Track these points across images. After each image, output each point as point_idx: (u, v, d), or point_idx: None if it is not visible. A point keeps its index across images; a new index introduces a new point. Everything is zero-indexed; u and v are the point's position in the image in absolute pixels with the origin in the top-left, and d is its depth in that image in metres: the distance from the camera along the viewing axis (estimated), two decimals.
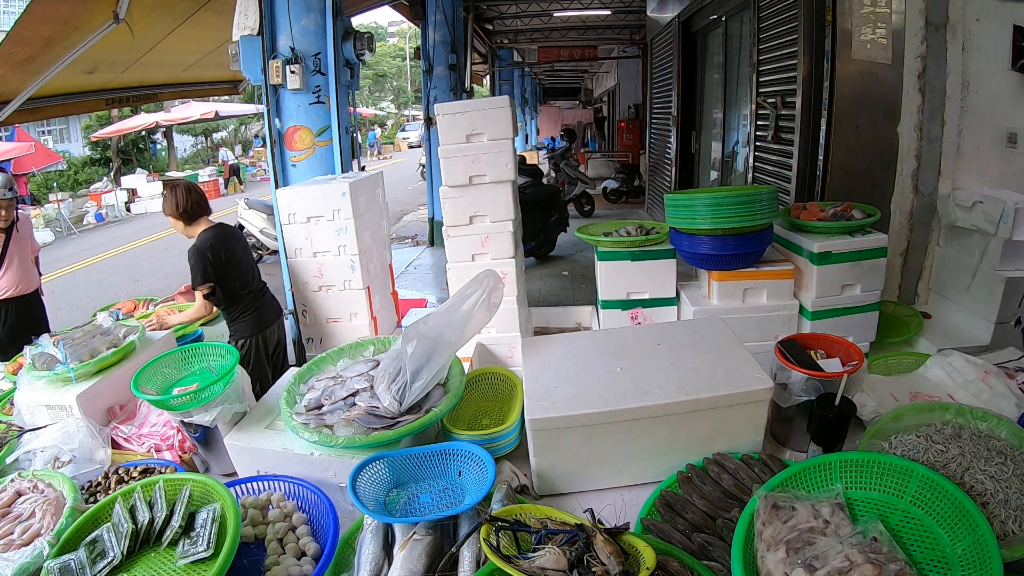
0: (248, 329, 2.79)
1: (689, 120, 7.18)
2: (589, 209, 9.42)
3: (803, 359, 1.44)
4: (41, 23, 3.28)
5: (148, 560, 1.11)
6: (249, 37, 3.30)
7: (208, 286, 2.61)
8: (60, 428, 1.63)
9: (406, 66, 34.06)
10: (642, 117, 11.22)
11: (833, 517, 0.98)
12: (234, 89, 6.89)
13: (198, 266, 2.60)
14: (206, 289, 2.62)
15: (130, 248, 10.37)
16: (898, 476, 1.05)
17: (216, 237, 2.67)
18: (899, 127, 2.89)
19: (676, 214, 2.48)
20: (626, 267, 2.65)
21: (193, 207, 2.69)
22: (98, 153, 17.31)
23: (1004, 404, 1.37)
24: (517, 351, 2.39)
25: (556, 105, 23.76)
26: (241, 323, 2.79)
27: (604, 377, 1.38)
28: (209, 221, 2.77)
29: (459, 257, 2.57)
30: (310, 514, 1.27)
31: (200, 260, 2.60)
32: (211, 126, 21.52)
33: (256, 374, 2.76)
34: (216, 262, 2.62)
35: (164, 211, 2.72)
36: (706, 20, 6.30)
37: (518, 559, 0.93)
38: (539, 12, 10.49)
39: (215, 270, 2.62)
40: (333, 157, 3.58)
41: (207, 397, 1.49)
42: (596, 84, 19.31)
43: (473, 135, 2.44)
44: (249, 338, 2.79)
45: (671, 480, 1.25)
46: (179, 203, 2.66)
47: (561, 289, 6.10)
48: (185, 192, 2.70)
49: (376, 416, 1.37)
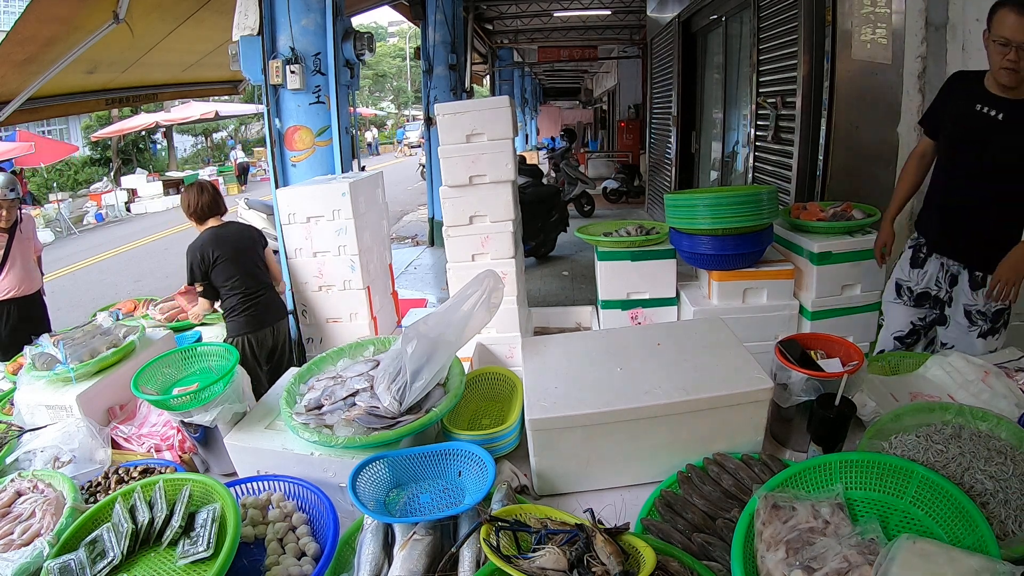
0: (238, 328, 2.81)
1: (689, 120, 7.18)
2: (589, 209, 9.42)
3: (803, 359, 1.44)
4: (41, 23, 3.28)
5: (148, 560, 1.11)
6: (249, 37, 3.30)
7: (200, 284, 2.74)
8: (60, 428, 1.63)
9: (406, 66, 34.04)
10: (642, 117, 11.23)
11: (833, 517, 0.98)
12: (234, 89, 6.89)
13: (188, 265, 2.75)
14: (199, 287, 2.74)
15: (130, 248, 10.37)
16: (898, 476, 1.05)
17: (211, 238, 2.75)
18: (899, 127, 2.89)
19: (676, 214, 2.48)
20: (626, 267, 2.65)
21: (204, 208, 2.80)
22: (98, 153, 17.31)
23: (1004, 404, 1.37)
24: (517, 351, 2.39)
25: (556, 105, 23.77)
26: (232, 322, 2.82)
27: (604, 377, 1.38)
28: (219, 220, 2.82)
29: (459, 257, 2.57)
30: (310, 514, 1.27)
31: (189, 260, 2.73)
32: (211, 126, 21.52)
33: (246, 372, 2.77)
34: (204, 262, 2.71)
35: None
36: (706, 20, 6.30)
37: (518, 559, 0.93)
38: (539, 12, 10.49)
39: (203, 270, 2.72)
40: (333, 157, 3.58)
41: (207, 397, 1.49)
42: (596, 84, 19.31)
43: (473, 135, 2.44)
44: (237, 337, 2.80)
45: (671, 480, 1.25)
46: (190, 203, 2.80)
47: (561, 289, 6.10)
48: (197, 192, 2.81)
49: (376, 416, 1.37)
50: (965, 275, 2.07)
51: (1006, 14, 1.78)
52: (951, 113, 2.03)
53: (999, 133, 1.91)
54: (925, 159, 2.19)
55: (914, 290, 2.21)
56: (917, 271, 2.19)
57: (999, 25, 1.80)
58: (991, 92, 1.93)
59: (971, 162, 1.99)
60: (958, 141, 2.02)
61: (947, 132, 2.06)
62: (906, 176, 2.24)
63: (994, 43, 1.82)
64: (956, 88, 2.06)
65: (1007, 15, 1.78)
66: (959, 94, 2.03)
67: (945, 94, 2.09)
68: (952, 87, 2.09)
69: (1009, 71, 1.82)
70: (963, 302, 2.07)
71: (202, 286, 2.72)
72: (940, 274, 2.14)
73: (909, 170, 2.23)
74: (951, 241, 2.09)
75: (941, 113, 2.09)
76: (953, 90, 2.07)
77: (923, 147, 2.20)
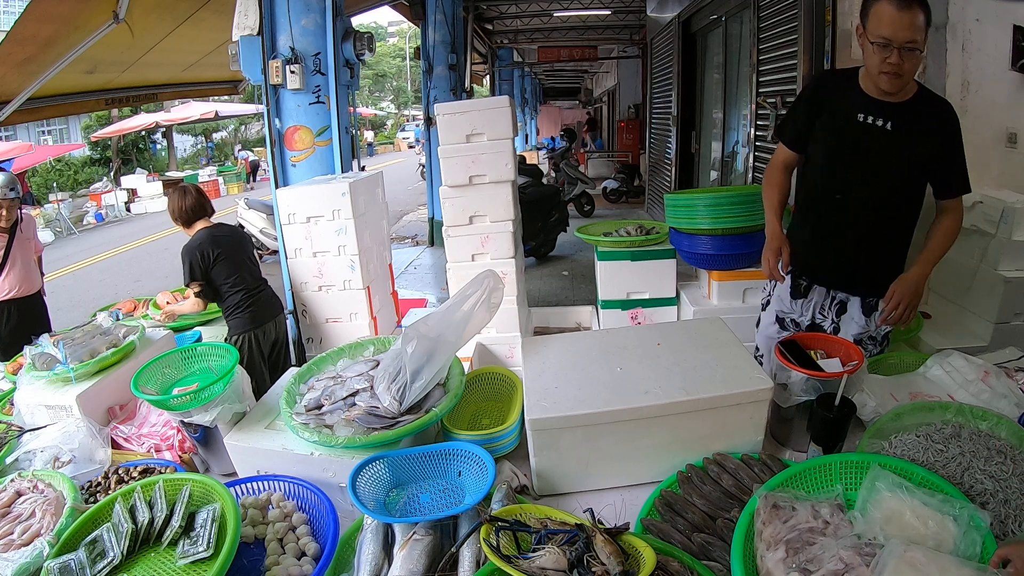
0: (241, 326, 2.82)
1: (689, 120, 7.18)
2: (589, 209, 9.43)
3: (803, 359, 1.44)
4: (41, 23, 3.28)
5: (148, 560, 1.11)
6: (249, 37, 3.30)
7: (197, 284, 2.72)
8: (60, 428, 1.63)
9: (406, 66, 34.06)
10: (642, 117, 11.22)
11: (833, 518, 0.98)
12: (234, 89, 6.89)
13: (186, 265, 2.72)
14: (196, 287, 2.72)
15: (130, 248, 10.37)
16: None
17: (208, 237, 2.74)
18: None
19: (676, 214, 2.48)
20: (626, 267, 2.65)
21: (189, 211, 2.78)
22: (98, 153, 17.31)
23: (1004, 404, 1.37)
24: (517, 351, 2.39)
25: (556, 105, 23.78)
26: (234, 320, 2.82)
27: (604, 377, 1.38)
28: (208, 221, 2.80)
29: (459, 257, 2.57)
30: (310, 514, 1.27)
31: (188, 259, 2.71)
32: (211, 126, 21.53)
33: (250, 371, 2.77)
34: (205, 260, 2.71)
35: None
36: (706, 20, 6.30)
37: (518, 559, 0.93)
38: (539, 12, 10.49)
39: (203, 269, 2.71)
40: (333, 157, 3.58)
41: (207, 397, 1.49)
42: (596, 84, 19.31)
43: (473, 135, 2.44)
44: (242, 335, 2.81)
45: (671, 480, 1.25)
46: (175, 208, 2.79)
47: (561, 289, 6.11)
48: (181, 196, 2.79)
49: (376, 416, 1.37)
50: (856, 302, 1.83)
51: (883, 7, 1.48)
52: (825, 124, 1.69)
53: (889, 145, 1.63)
54: (789, 170, 1.85)
55: (801, 323, 1.92)
56: (800, 301, 1.90)
57: (876, 22, 1.50)
58: (872, 97, 1.63)
59: (857, 180, 1.68)
60: (839, 156, 1.69)
61: (823, 146, 1.71)
62: (775, 185, 1.84)
63: (872, 43, 1.52)
64: (826, 93, 1.71)
65: (884, 8, 1.48)
66: (832, 100, 1.68)
67: (811, 99, 1.73)
68: (819, 91, 1.73)
69: (891, 76, 1.53)
70: (853, 332, 1.83)
71: (199, 286, 2.71)
72: (826, 302, 1.88)
73: (776, 180, 1.84)
74: (839, 272, 1.81)
75: (806, 122, 1.74)
76: (822, 95, 1.71)
77: (784, 157, 1.83)
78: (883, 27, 1.48)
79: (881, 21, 1.48)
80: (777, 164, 1.85)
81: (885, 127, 1.62)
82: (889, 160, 1.65)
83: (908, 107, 1.62)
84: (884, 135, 1.62)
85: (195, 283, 2.72)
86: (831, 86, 1.72)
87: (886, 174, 1.66)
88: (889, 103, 1.62)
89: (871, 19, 1.51)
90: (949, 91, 2.72)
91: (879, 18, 1.49)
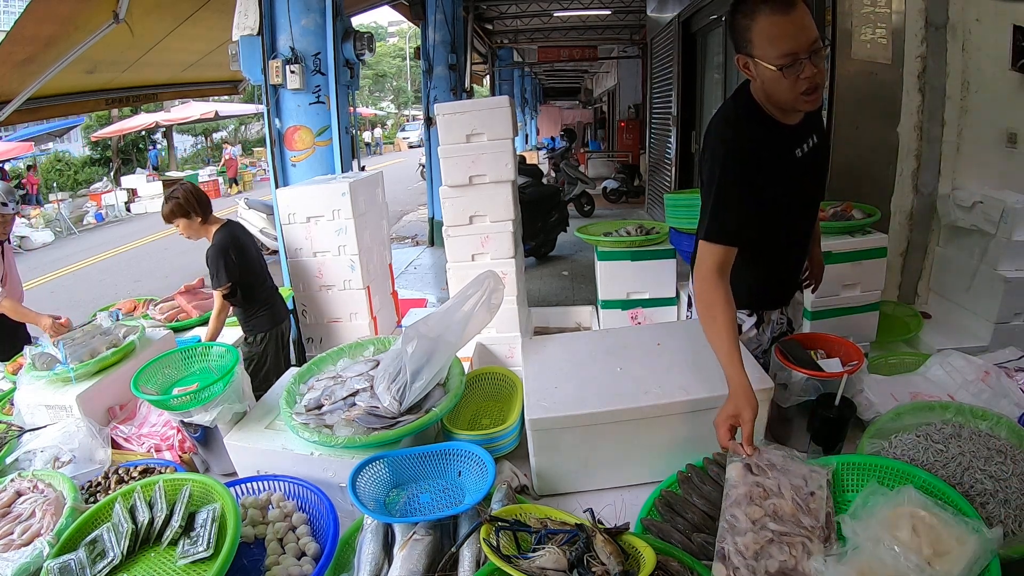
0: (267, 323, 2.82)
1: (689, 120, 7.18)
2: (589, 209, 9.43)
3: (803, 359, 1.44)
4: (41, 23, 3.28)
5: (148, 560, 1.11)
6: (249, 37, 3.31)
7: (228, 286, 2.64)
8: (60, 428, 1.63)
9: (406, 66, 34.04)
10: (642, 117, 11.22)
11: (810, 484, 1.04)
12: (234, 89, 6.89)
13: (219, 267, 2.61)
14: (226, 289, 2.64)
15: (130, 248, 10.36)
16: (898, 479, 1.05)
17: (231, 236, 2.69)
18: (899, 127, 2.89)
19: (676, 214, 2.48)
20: (626, 267, 2.65)
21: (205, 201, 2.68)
22: (98, 153, 17.31)
23: (1004, 404, 1.37)
24: (517, 351, 2.39)
25: (556, 105, 23.77)
26: (259, 318, 2.82)
27: (604, 377, 1.38)
28: (218, 219, 2.77)
29: (459, 257, 2.57)
30: (310, 514, 1.27)
31: (219, 261, 2.61)
32: (211, 126, 21.53)
33: (277, 367, 2.79)
34: (236, 260, 2.66)
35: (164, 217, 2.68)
36: (706, 20, 6.29)
37: (518, 559, 0.93)
38: (539, 12, 10.50)
39: (236, 270, 2.64)
40: (333, 157, 3.58)
41: (207, 397, 1.49)
42: (596, 84, 19.30)
43: (473, 135, 2.44)
44: (269, 331, 2.82)
45: (671, 480, 1.25)
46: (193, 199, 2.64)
47: (561, 289, 6.11)
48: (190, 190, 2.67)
49: (376, 416, 1.37)
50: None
51: (767, 22, 1.23)
52: (768, 179, 1.39)
53: (817, 166, 1.52)
54: (727, 274, 1.39)
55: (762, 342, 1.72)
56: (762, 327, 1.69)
57: (767, 42, 1.24)
58: (791, 125, 1.41)
59: (799, 215, 1.54)
60: (784, 201, 1.47)
61: (769, 200, 1.42)
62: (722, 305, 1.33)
63: (774, 69, 1.25)
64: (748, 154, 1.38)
65: (768, 22, 1.23)
66: (760, 154, 1.38)
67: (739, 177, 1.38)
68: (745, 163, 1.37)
69: (812, 93, 1.28)
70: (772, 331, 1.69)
71: (227, 288, 2.63)
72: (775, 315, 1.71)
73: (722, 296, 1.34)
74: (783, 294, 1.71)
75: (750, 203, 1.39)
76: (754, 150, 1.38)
77: (725, 259, 1.38)
78: (780, 43, 1.23)
79: (773, 38, 1.24)
80: (714, 271, 1.37)
81: (813, 149, 1.47)
82: (819, 182, 1.56)
83: (808, 124, 1.46)
84: (812, 158, 1.47)
85: (224, 286, 2.62)
86: (747, 141, 1.39)
87: (819, 196, 1.58)
88: (799, 126, 1.43)
89: (757, 43, 1.27)
90: (949, 91, 2.72)
91: (769, 36, 1.24)
